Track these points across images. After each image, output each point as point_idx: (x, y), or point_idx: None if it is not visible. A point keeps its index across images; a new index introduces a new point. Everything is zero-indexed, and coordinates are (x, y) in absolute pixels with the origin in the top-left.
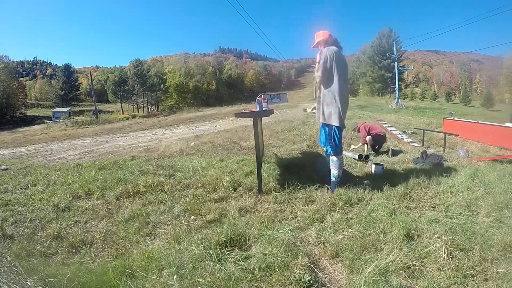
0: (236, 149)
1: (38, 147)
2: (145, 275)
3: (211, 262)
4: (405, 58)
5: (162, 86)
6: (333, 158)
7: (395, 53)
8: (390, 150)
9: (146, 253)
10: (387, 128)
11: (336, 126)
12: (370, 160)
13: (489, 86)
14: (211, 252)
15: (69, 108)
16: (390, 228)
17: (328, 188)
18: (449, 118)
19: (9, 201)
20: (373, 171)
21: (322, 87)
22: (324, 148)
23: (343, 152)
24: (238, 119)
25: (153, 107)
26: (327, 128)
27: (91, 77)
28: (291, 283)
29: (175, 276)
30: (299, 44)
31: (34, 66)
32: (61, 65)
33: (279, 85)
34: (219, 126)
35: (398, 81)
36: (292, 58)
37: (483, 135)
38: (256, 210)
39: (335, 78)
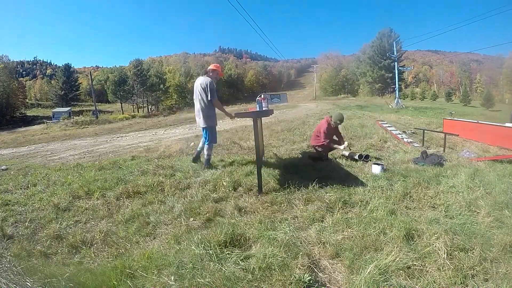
0: (236, 149)
1: (38, 147)
2: (145, 275)
3: (211, 262)
4: (405, 58)
5: (162, 86)
6: None
7: (395, 53)
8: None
9: (146, 253)
10: (387, 128)
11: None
12: (370, 160)
13: (489, 86)
14: (211, 252)
15: (69, 108)
16: (390, 228)
17: None
18: (449, 118)
19: (9, 201)
20: (373, 171)
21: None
22: None
23: (343, 152)
24: (238, 119)
25: (153, 107)
26: None
27: (91, 77)
28: (291, 283)
29: (174, 276)
30: (299, 44)
31: (34, 66)
32: (61, 65)
33: (279, 85)
34: (219, 126)
35: (398, 81)
36: (292, 58)
37: (483, 135)
38: (256, 210)
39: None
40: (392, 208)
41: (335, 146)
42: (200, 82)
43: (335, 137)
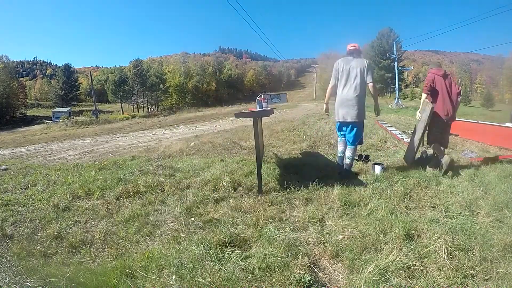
0: (236, 149)
1: (38, 147)
2: (145, 275)
3: (211, 262)
4: (405, 58)
5: (162, 86)
6: None
7: (395, 53)
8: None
9: (146, 253)
10: (387, 128)
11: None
12: (370, 160)
13: (489, 86)
14: (211, 252)
15: (69, 108)
16: (390, 228)
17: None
18: None
19: (9, 201)
20: (373, 171)
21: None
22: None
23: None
24: (238, 119)
25: (153, 107)
26: None
27: (91, 77)
28: (291, 283)
29: (174, 276)
30: (299, 44)
31: (34, 66)
32: (61, 65)
33: (279, 85)
34: (219, 126)
35: (398, 81)
36: (292, 58)
37: (483, 135)
38: (256, 210)
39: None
40: (392, 208)
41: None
42: (357, 63)
43: None
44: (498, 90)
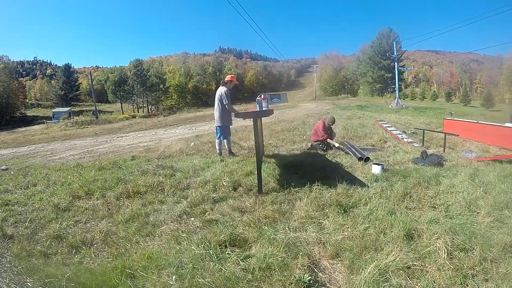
0: (236, 149)
1: (38, 147)
2: (145, 275)
3: (211, 262)
4: (405, 58)
5: (162, 86)
6: None
7: (395, 53)
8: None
9: (146, 253)
10: (387, 128)
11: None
12: (371, 161)
13: (489, 86)
14: (211, 252)
15: (69, 108)
16: (390, 228)
17: None
18: (449, 118)
19: (9, 201)
20: (373, 171)
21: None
22: None
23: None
24: (238, 119)
25: (153, 107)
26: None
27: (91, 77)
28: (291, 283)
29: (174, 276)
30: (299, 44)
31: (34, 66)
32: (61, 65)
33: (279, 85)
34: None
35: (398, 81)
36: (292, 58)
37: (483, 135)
38: (256, 210)
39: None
40: (392, 208)
41: (330, 141)
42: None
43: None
44: (498, 90)
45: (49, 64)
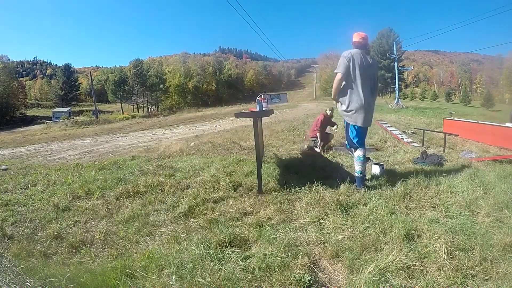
0: (236, 149)
1: (38, 147)
2: (145, 275)
3: (211, 262)
4: (405, 58)
5: (162, 86)
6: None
7: (395, 53)
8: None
9: (146, 253)
10: (387, 128)
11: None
12: (371, 161)
13: (489, 86)
14: (211, 252)
15: (69, 108)
16: (390, 228)
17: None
18: (449, 118)
19: (9, 201)
20: (373, 171)
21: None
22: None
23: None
24: (238, 119)
25: (153, 107)
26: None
27: (91, 77)
28: (291, 283)
29: (174, 276)
30: (299, 44)
31: (34, 66)
32: (61, 65)
33: (279, 85)
34: (219, 126)
35: (398, 81)
36: (292, 58)
37: (483, 135)
38: (256, 210)
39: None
40: (392, 208)
41: (327, 132)
42: (370, 63)
43: (328, 130)
44: (498, 90)
45: (49, 64)
